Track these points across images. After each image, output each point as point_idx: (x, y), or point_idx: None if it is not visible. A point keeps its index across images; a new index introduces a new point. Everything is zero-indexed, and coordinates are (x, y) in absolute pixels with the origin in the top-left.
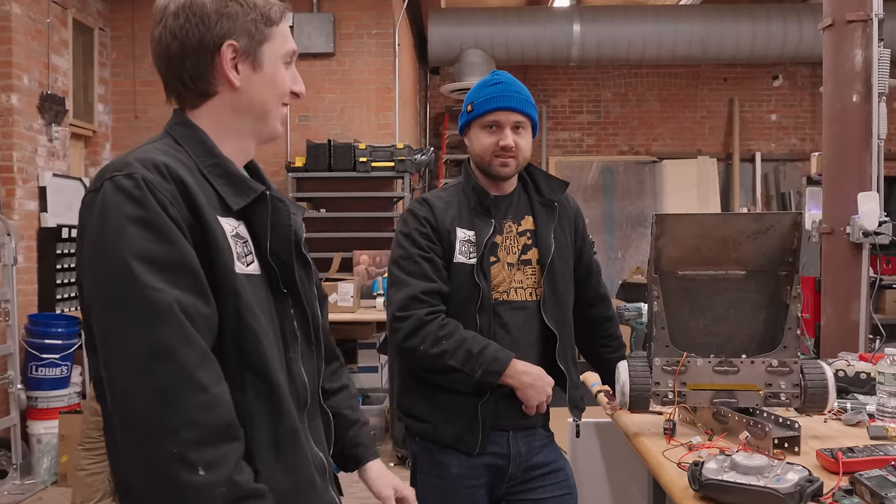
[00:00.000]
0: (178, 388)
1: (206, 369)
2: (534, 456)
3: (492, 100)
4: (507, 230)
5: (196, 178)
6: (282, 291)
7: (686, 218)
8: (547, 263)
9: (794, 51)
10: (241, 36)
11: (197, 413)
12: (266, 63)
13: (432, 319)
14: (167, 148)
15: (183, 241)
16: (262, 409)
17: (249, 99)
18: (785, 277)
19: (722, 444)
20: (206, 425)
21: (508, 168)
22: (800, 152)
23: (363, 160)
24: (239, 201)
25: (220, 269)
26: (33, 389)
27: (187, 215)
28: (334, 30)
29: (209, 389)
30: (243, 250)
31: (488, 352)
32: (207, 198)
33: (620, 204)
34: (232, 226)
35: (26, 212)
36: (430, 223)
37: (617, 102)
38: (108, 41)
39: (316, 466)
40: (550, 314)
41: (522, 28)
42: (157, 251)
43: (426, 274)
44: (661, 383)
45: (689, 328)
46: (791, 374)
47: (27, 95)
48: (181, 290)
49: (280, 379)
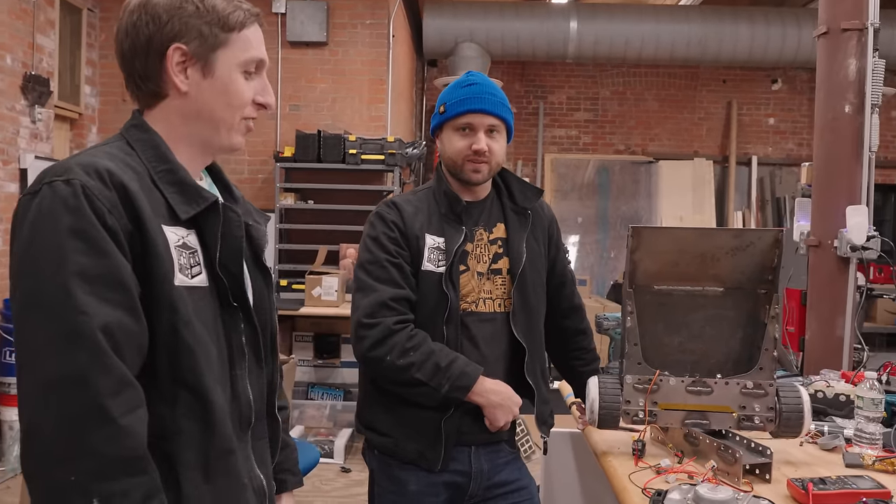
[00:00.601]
0: (86, 418)
1: (118, 398)
2: (497, 474)
3: (465, 101)
4: (477, 238)
5: (144, 184)
6: (231, 305)
7: (664, 232)
8: (518, 273)
9: (793, 55)
10: (191, 39)
11: (101, 444)
12: (218, 70)
13: (400, 329)
14: (117, 152)
15: (116, 254)
16: (192, 427)
17: (198, 106)
18: (764, 296)
19: (691, 468)
20: (108, 457)
21: (480, 174)
22: (797, 157)
23: (353, 152)
24: (188, 210)
25: (157, 280)
26: (5, 375)
27: (127, 223)
28: (328, 18)
29: (118, 421)
30: (189, 261)
31: (456, 366)
32: (154, 205)
33: (615, 203)
34: (179, 235)
35: (6, 194)
36: (398, 227)
37: (615, 101)
38: (97, 22)
39: (254, 489)
40: (520, 327)
41: (519, 23)
42: (89, 265)
43: (394, 280)
44: (632, 402)
45: (664, 345)
46: (766, 396)
47: (10, 76)
48: (111, 306)
49: (216, 397)
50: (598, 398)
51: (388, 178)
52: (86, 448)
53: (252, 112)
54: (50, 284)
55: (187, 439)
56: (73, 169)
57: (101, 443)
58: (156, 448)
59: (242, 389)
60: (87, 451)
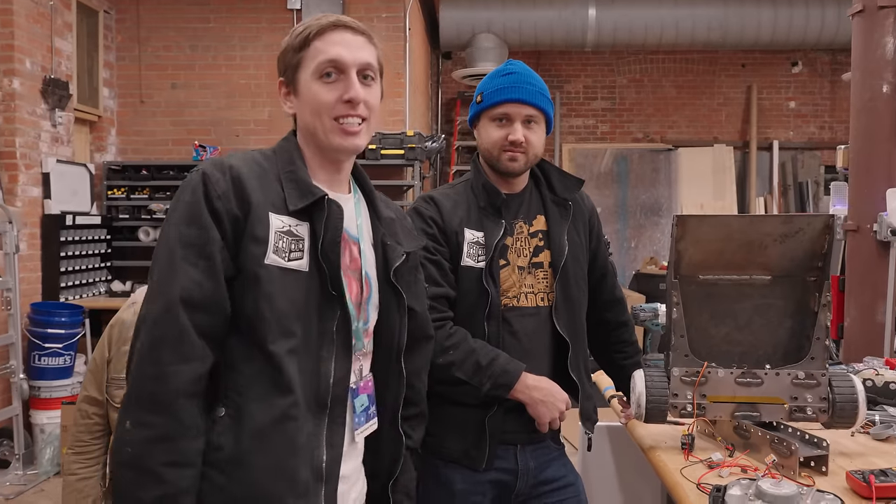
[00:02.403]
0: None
1: (174, 347)
2: (543, 471)
3: (503, 90)
4: (517, 231)
5: (266, 179)
6: (331, 293)
7: (709, 219)
8: (560, 266)
9: (816, 37)
10: (284, 70)
11: (144, 380)
12: (301, 87)
13: (439, 328)
14: (257, 155)
15: (211, 229)
16: (261, 386)
17: (301, 122)
18: (814, 283)
19: (744, 461)
20: (145, 392)
21: (517, 163)
22: (818, 141)
23: (372, 147)
24: (297, 203)
25: (250, 257)
26: (36, 379)
27: (233, 209)
28: (343, 12)
29: (165, 366)
30: (290, 246)
31: (497, 364)
32: (270, 196)
33: (634, 192)
34: (285, 223)
35: (29, 198)
36: (436, 223)
37: (632, 89)
38: (114, 24)
39: (312, 467)
40: (563, 321)
41: (536, 12)
42: (186, 231)
43: (433, 277)
44: (680, 395)
45: (710, 336)
46: (818, 387)
47: (30, 80)
48: (192, 265)
49: (288, 367)
50: (646, 391)
51: (407, 172)
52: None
53: (341, 111)
54: (164, 241)
55: (255, 396)
56: (209, 163)
57: (144, 379)
58: (230, 399)
59: (325, 371)
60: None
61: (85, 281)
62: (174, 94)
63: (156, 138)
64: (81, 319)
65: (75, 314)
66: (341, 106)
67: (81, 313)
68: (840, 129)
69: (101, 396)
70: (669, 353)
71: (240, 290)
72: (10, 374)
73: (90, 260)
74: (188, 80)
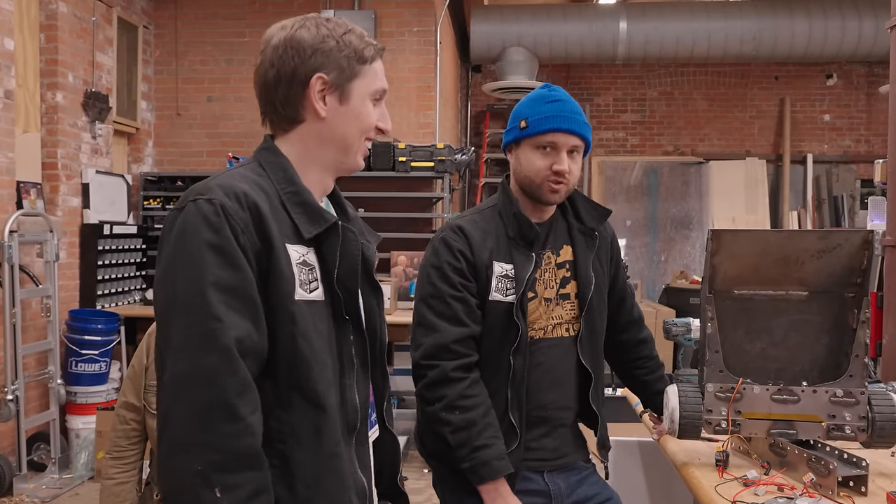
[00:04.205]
0: (213, 412)
1: (243, 398)
2: (575, 490)
3: (551, 119)
4: (545, 262)
5: (273, 204)
6: (344, 318)
7: (745, 234)
8: (588, 299)
9: (853, 49)
10: (332, 70)
11: (226, 439)
12: (353, 97)
13: (458, 379)
14: (250, 174)
15: (247, 269)
16: (306, 431)
17: (333, 130)
18: (852, 300)
19: (781, 479)
20: (230, 451)
21: (558, 195)
22: (854, 154)
23: (402, 160)
24: (312, 230)
25: (280, 295)
26: (72, 385)
27: (256, 242)
28: (375, 27)
29: (245, 419)
30: (308, 277)
31: (485, 454)
32: (280, 225)
33: (664, 205)
34: (300, 253)
35: (69, 208)
36: (465, 257)
37: (662, 101)
38: (152, 39)
39: (357, 491)
40: (586, 353)
41: (567, 26)
42: (225, 277)
43: (457, 317)
44: (714, 411)
45: (745, 352)
46: (857, 405)
47: (72, 93)
48: (240, 315)
49: (329, 403)
50: (679, 407)
51: (437, 184)
52: (211, 440)
53: (374, 135)
54: (190, 291)
55: (301, 441)
56: (214, 189)
57: (226, 438)
58: (273, 449)
59: (350, 397)
60: (212, 443)
61: (121, 289)
62: (210, 107)
63: (191, 150)
64: (117, 327)
65: (111, 321)
66: (375, 131)
67: (117, 321)
68: (877, 142)
69: (138, 402)
70: (703, 368)
71: (273, 331)
72: (48, 380)
73: (126, 269)
74: (223, 93)
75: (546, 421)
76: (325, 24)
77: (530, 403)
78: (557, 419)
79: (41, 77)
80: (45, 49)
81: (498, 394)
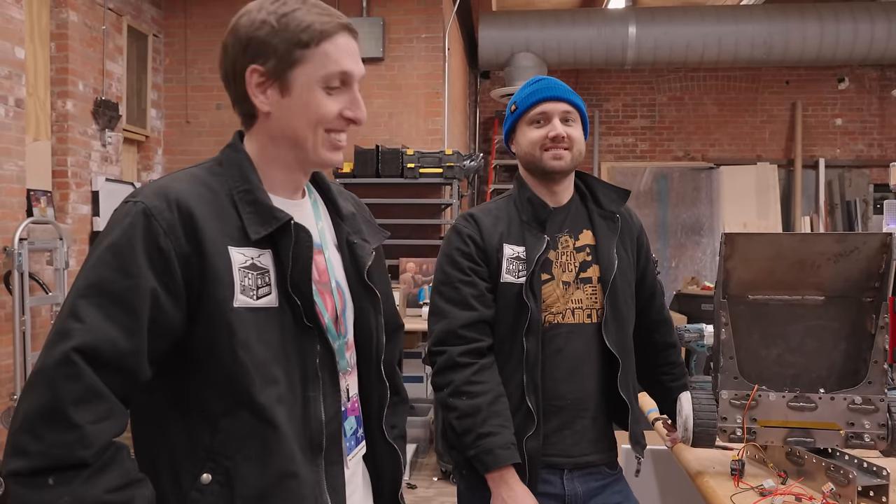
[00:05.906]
0: (45, 418)
1: (80, 406)
2: (592, 498)
3: (536, 93)
4: (562, 245)
5: (218, 204)
6: (306, 325)
7: (759, 238)
8: (610, 281)
9: (865, 52)
10: (268, 59)
11: (54, 448)
12: (296, 87)
13: (466, 364)
14: (203, 172)
15: (143, 277)
16: (252, 446)
17: (280, 125)
18: (870, 304)
19: (798, 489)
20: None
21: (562, 161)
22: (867, 158)
23: (411, 166)
24: (259, 230)
25: (215, 303)
26: None
27: (184, 245)
28: (384, 34)
29: (82, 427)
30: (255, 282)
31: (491, 441)
32: (225, 226)
33: (675, 211)
34: (247, 256)
35: (79, 216)
36: (473, 241)
37: (672, 106)
38: (162, 47)
39: None
40: (612, 337)
41: (575, 31)
42: (110, 280)
43: (466, 301)
44: (729, 418)
45: (761, 358)
46: (877, 412)
47: (82, 101)
48: (110, 322)
49: (277, 418)
50: (693, 415)
51: (445, 191)
52: (41, 448)
53: (338, 126)
54: (76, 288)
55: (246, 457)
56: (145, 191)
57: (54, 447)
58: (217, 464)
59: (314, 412)
60: (42, 451)
61: None
62: (218, 115)
63: (200, 157)
64: None
65: None
66: (339, 121)
67: None
68: (890, 146)
69: None
70: (717, 374)
71: (210, 340)
72: None
73: None
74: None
75: (563, 411)
76: (270, 6)
77: (546, 392)
78: (575, 411)
79: (52, 86)
80: (56, 58)
81: (513, 379)
